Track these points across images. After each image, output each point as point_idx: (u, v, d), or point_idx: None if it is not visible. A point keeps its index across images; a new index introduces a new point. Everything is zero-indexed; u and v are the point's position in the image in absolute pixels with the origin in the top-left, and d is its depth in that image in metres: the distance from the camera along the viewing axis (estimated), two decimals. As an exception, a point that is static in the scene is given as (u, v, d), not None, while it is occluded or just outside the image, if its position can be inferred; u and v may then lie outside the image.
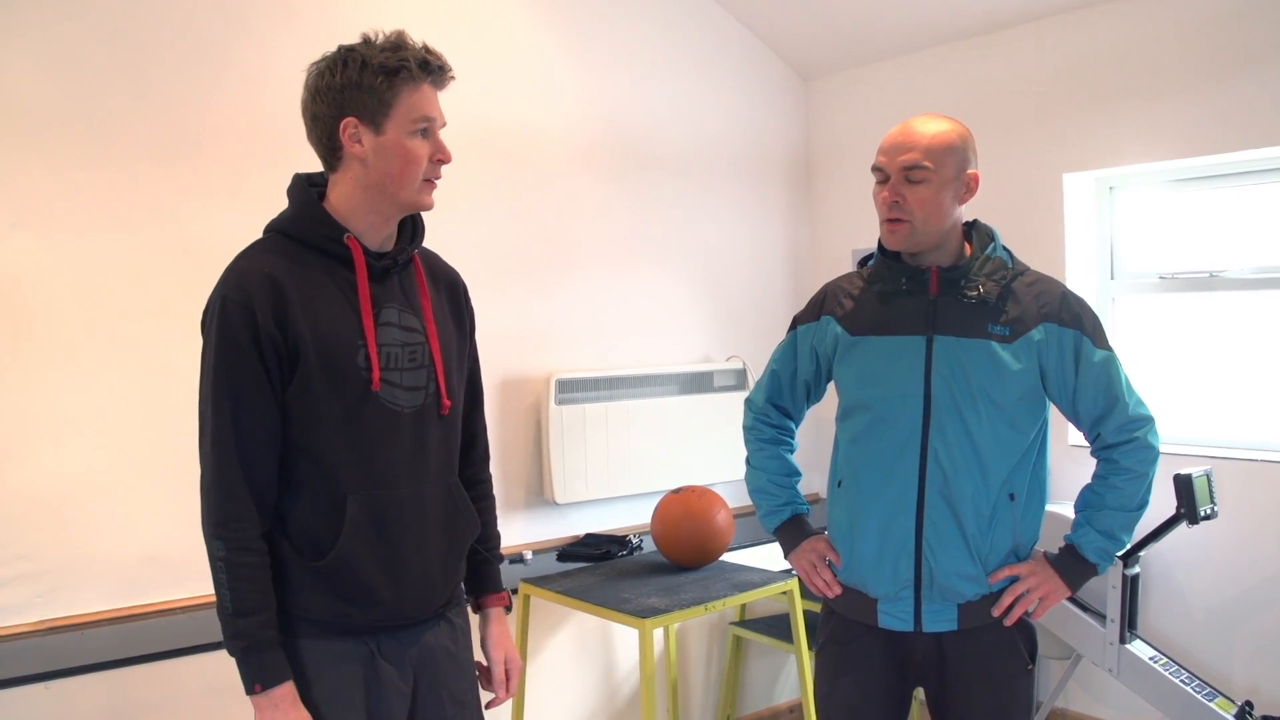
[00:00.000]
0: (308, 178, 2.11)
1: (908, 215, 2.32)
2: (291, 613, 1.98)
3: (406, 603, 2.07)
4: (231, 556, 1.92)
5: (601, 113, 4.58)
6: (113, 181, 3.40)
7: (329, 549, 1.98)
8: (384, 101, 1.96)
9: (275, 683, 1.92)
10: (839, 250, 5.26)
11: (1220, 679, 3.91)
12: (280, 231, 2.07)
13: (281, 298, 1.94)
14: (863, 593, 2.45)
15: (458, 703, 2.17)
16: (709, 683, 4.39)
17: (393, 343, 2.04)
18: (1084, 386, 2.33)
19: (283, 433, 1.98)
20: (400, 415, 2.04)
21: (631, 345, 4.69)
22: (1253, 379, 4.05)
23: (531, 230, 4.34)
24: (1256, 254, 4.02)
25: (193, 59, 3.55)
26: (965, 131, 2.37)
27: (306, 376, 1.95)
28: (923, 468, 2.34)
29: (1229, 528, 3.87)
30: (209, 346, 1.98)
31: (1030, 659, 2.42)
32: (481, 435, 2.34)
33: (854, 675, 2.49)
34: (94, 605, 3.35)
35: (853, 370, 2.46)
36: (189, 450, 3.42)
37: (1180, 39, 3.95)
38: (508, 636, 2.34)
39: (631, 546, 4.19)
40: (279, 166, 3.63)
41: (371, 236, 2.05)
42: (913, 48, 4.86)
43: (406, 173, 1.99)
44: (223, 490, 1.94)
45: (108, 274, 3.39)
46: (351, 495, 1.99)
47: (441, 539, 2.13)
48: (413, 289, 2.12)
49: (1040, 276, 2.41)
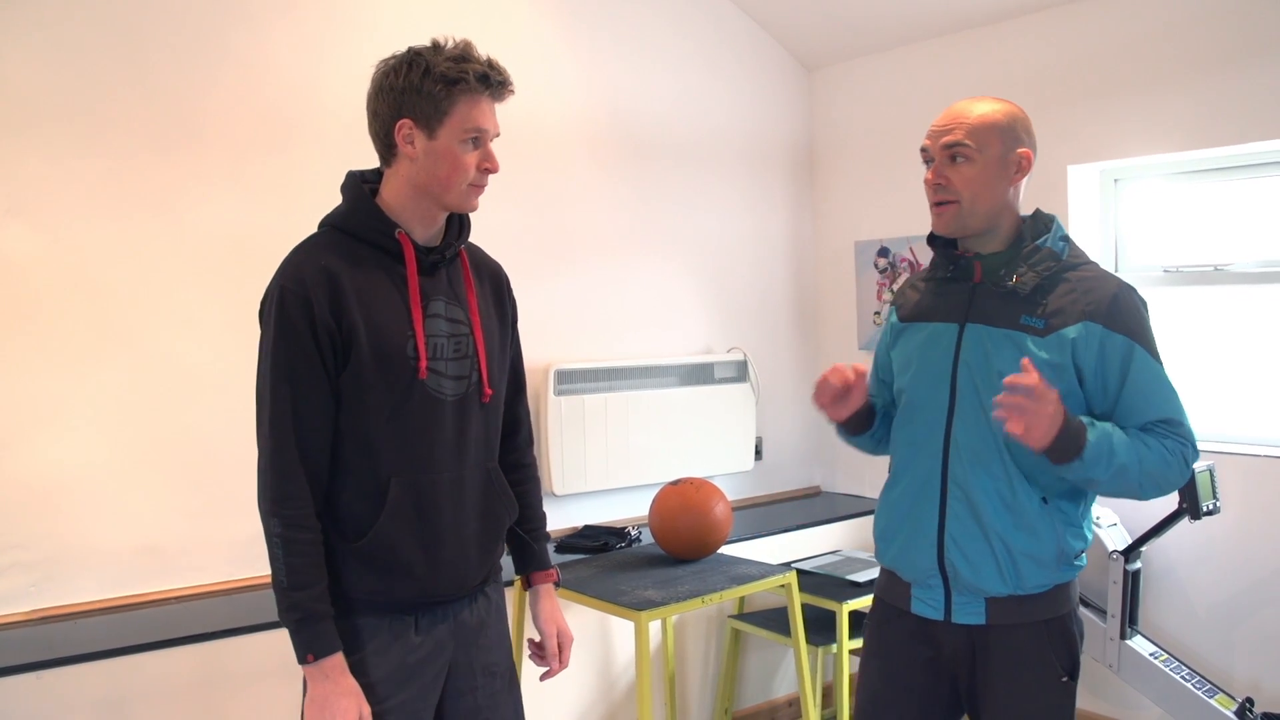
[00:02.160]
0: (361, 174, 2.20)
1: (954, 195, 2.29)
2: (334, 592, 2.07)
3: (442, 581, 2.17)
4: (287, 533, 2.01)
5: (603, 102, 4.56)
6: (111, 169, 3.39)
7: (369, 530, 2.08)
8: (440, 109, 2.05)
9: (327, 653, 2.01)
10: (841, 241, 5.24)
11: (1221, 675, 3.88)
12: (335, 226, 2.15)
13: (337, 290, 2.04)
14: (898, 576, 2.43)
15: (489, 674, 2.28)
16: (707, 676, 4.37)
17: (439, 334, 2.14)
18: (1130, 397, 2.22)
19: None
20: (444, 403, 2.15)
21: (632, 336, 4.67)
22: (1257, 373, 4.02)
23: (532, 220, 4.32)
24: (1262, 247, 3.99)
25: (192, 47, 3.53)
26: (1015, 111, 2.32)
27: (359, 364, 2.05)
28: (945, 456, 2.32)
29: (1231, 523, 3.84)
30: (267, 334, 2.07)
31: (1066, 671, 2.31)
32: (525, 421, 2.47)
33: (881, 660, 2.48)
34: (88, 595, 3.34)
35: (899, 356, 2.49)
36: (186, 440, 3.47)
37: (1185, 30, 3.92)
38: (558, 611, 2.46)
39: (630, 538, 4.17)
40: (278, 155, 3.68)
41: (421, 231, 2.15)
42: (916, 38, 4.83)
43: (454, 178, 2.09)
44: (279, 470, 2.03)
45: (105, 262, 3.38)
46: (395, 478, 2.09)
47: (479, 522, 2.23)
48: (459, 282, 2.22)
49: (1098, 274, 2.30)
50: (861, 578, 4.06)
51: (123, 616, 3.31)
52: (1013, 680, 2.30)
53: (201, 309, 3.52)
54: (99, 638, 3.11)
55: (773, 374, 5.15)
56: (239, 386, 2.16)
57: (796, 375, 5.32)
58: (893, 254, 4.97)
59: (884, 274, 5.02)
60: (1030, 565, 2.27)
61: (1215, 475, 3.59)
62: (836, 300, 5.31)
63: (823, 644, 3.96)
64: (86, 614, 3.31)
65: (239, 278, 3.34)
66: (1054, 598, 2.32)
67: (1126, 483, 2.18)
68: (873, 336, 5.08)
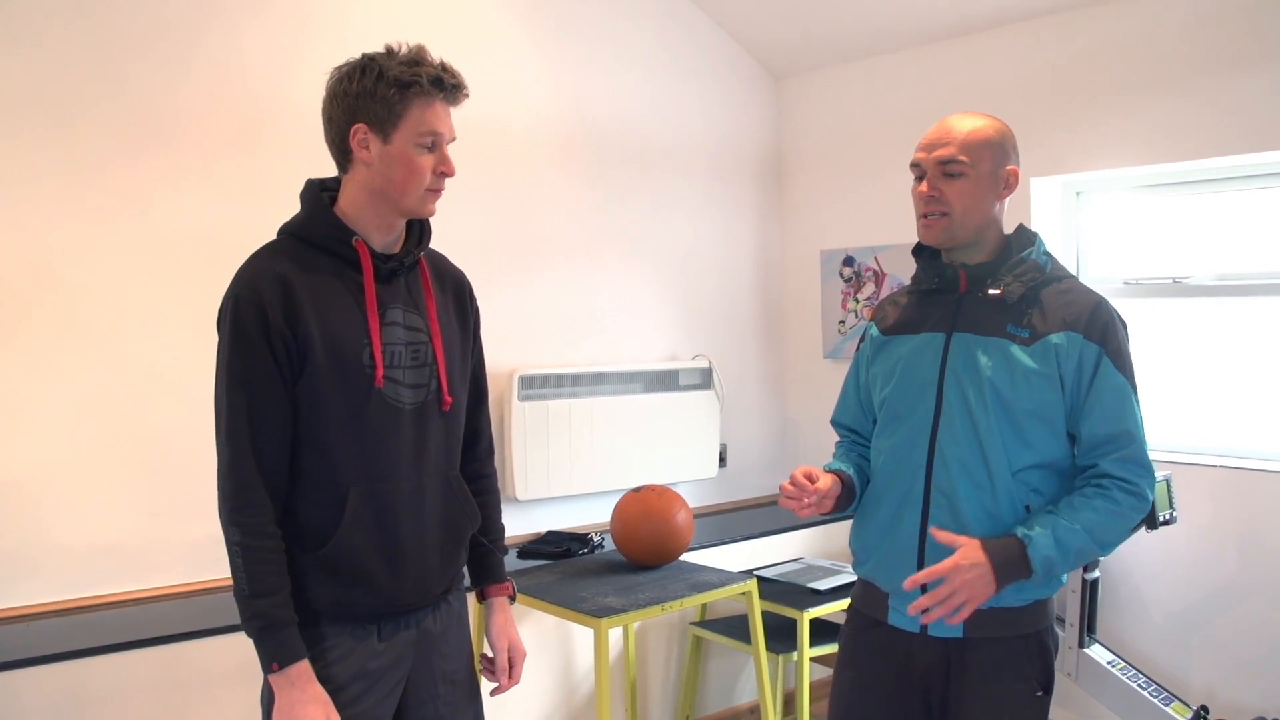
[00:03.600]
0: (320, 183, 2.19)
1: (946, 208, 2.31)
2: (296, 601, 2.05)
3: (405, 590, 2.17)
4: (248, 541, 2.00)
5: (572, 108, 4.57)
6: (78, 167, 3.36)
7: (329, 539, 2.07)
8: (394, 113, 2.05)
9: (292, 660, 2.00)
10: (808, 250, 5.26)
11: (1177, 683, 3.92)
12: (293, 234, 2.15)
13: (292, 297, 2.03)
14: (876, 586, 2.43)
15: (449, 682, 2.27)
16: (668, 683, 4.37)
17: (396, 342, 2.13)
18: (1093, 408, 2.24)
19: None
20: (402, 411, 2.14)
21: (597, 342, 4.67)
22: (1214, 385, 4.07)
23: (499, 224, 4.32)
24: (1219, 261, 4.04)
25: (162, 45, 3.51)
26: (1004, 128, 2.35)
27: (315, 373, 2.05)
28: (929, 465, 2.31)
29: (1188, 533, 3.89)
30: (223, 342, 2.06)
31: (1041, 686, 2.30)
32: (485, 431, 2.45)
33: (855, 671, 2.47)
34: (43, 596, 3.30)
35: (881, 370, 2.48)
36: (148, 440, 3.44)
37: (1147, 46, 3.97)
38: (512, 625, 2.43)
39: (593, 545, 4.17)
40: (248, 155, 3.67)
41: (379, 239, 2.15)
42: (884, 49, 4.86)
43: (410, 182, 2.09)
44: (238, 478, 2.02)
45: (71, 261, 3.35)
46: (353, 487, 2.09)
47: (440, 530, 2.22)
48: (418, 290, 2.21)
49: (1077, 286, 2.33)
50: (823, 586, 4.07)
51: (78, 618, 3.28)
52: (988, 695, 2.29)
53: (167, 309, 3.50)
54: (56, 639, 3.07)
55: (737, 381, 5.17)
56: (203, 387, 2.15)
57: (761, 383, 5.34)
58: (858, 263, 5.00)
59: (849, 283, 5.04)
60: (1017, 588, 2.25)
61: (1172, 486, 3.63)
62: (801, 308, 5.33)
63: (784, 651, 3.96)
64: (43, 615, 3.27)
65: (206, 279, 3.29)
66: (1033, 612, 2.31)
67: (1091, 556, 2.26)
68: (837, 345, 5.11)
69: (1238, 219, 4.02)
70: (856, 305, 5.03)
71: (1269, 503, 3.76)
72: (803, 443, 5.37)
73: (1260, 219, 3.97)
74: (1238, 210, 4.02)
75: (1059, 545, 2.17)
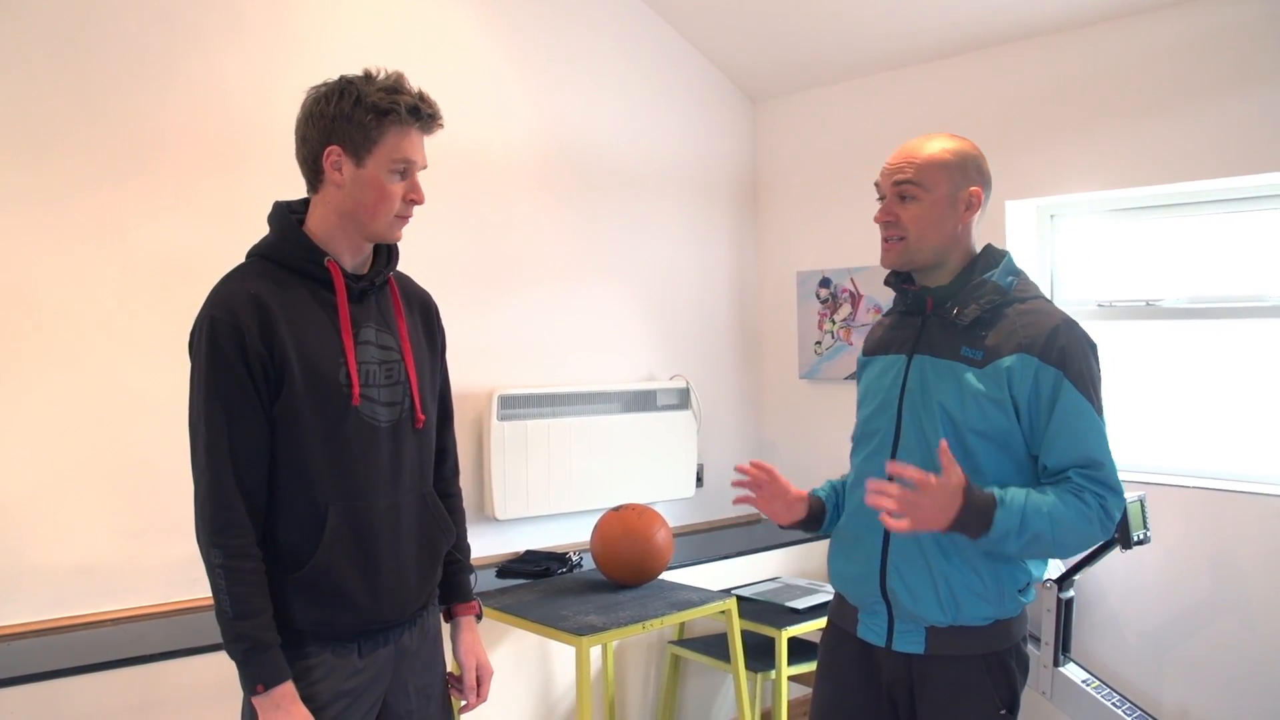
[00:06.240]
0: (288, 205, 2.20)
1: (902, 232, 2.33)
2: (277, 622, 2.05)
3: (384, 607, 2.17)
4: (229, 563, 2.00)
5: (550, 129, 4.59)
6: (55, 189, 3.36)
7: (309, 558, 2.07)
8: (370, 138, 2.07)
9: (277, 682, 2.01)
10: (784, 271, 5.30)
11: (1150, 702, 3.96)
12: (263, 256, 2.15)
13: (267, 317, 2.04)
14: (846, 600, 2.47)
15: (424, 696, 2.28)
16: (647, 701, 4.38)
17: (371, 360, 2.15)
18: (1056, 434, 2.22)
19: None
20: (379, 429, 2.15)
21: (575, 363, 4.69)
22: (1187, 407, 4.12)
23: (477, 245, 4.34)
24: (1192, 284, 4.10)
25: (140, 68, 3.51)
26: (968, 149, 2.35)
27: (292, 392, 2.05)
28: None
29: (1161, 553, 3.93)
30: (199, 364, 2.05)
31: (1005, 705, 2.29)
32: (451, 450, 2.46)
33: (830, 683, 2.51)
34: (22, 616, 3.29)
35: (861, 389, 2.54)
36: (126, 460, 3.44)
37: (1121, 73, 4.03)
38: (479, 644, 2.45)
39: (572, 564, 4.18)
40: (226, 178, 3.67)
41: (349, 259, 2.17)
42: (859, 73, 4.91)
43: (380, 208, 2.11)
44: (218, 500, 2.01)
45: (49, 282, 3.35)
46: (332, 506, 2.09)
47: (417, 547, 2.23)
48: (389, 309, 2.24)
49: (1041, 307, 2.30)
50: (801, 604, 4.09)
51: (59, 638, 3.27)
52: (949, 712, 2.30)
53: (146, 331, 3.50)
54: (35, 659, 3.06)
55: (715, 401, 5.19)
56: (180, 408, 2.14)
57: (738, 403, 5.36)
58: (834, 284, 5.03)
59: (825, 304, 5.08)
60: (970, 597, 2.27)
61: (1146, 506, 3.66)
62: (778, 329, 5.36)
63: (762, 670, 3.98)
64: (22, 635, 3.26)
65: (183, 300, 3.28)
66: (993, 632, 2.31)
67: (1040, 548, 2.19)
68: (814, 366, 5.15)
69: (1210, 242, 4.08)
70: (833, 326, 5.06)
71: (1241, 524, 3.81)
72: (779, 462, 5.35)
73: (1232, 242, 4.03)
74: (1210, 234, 4.08)
75: (1023, 521, 2.14)
